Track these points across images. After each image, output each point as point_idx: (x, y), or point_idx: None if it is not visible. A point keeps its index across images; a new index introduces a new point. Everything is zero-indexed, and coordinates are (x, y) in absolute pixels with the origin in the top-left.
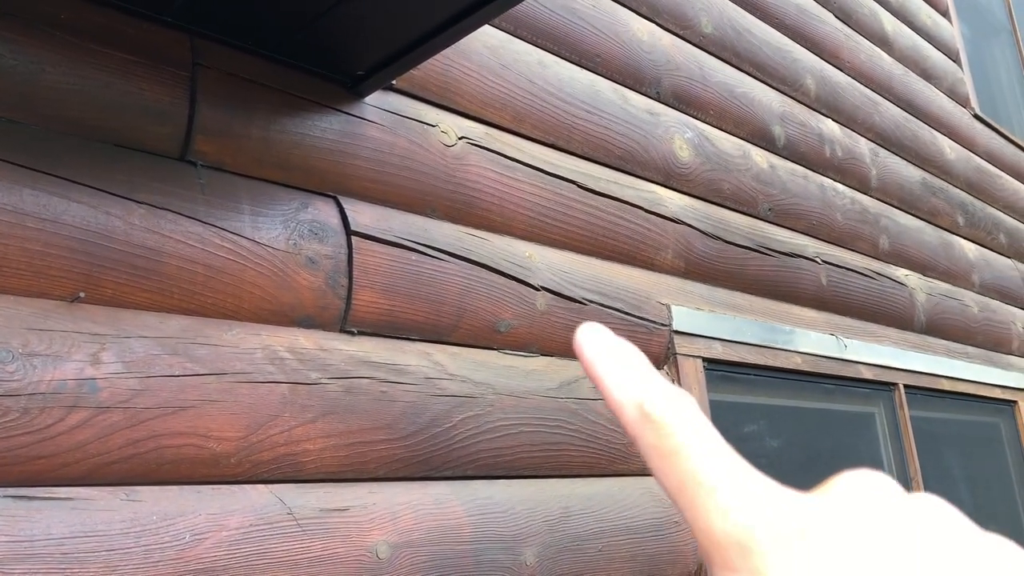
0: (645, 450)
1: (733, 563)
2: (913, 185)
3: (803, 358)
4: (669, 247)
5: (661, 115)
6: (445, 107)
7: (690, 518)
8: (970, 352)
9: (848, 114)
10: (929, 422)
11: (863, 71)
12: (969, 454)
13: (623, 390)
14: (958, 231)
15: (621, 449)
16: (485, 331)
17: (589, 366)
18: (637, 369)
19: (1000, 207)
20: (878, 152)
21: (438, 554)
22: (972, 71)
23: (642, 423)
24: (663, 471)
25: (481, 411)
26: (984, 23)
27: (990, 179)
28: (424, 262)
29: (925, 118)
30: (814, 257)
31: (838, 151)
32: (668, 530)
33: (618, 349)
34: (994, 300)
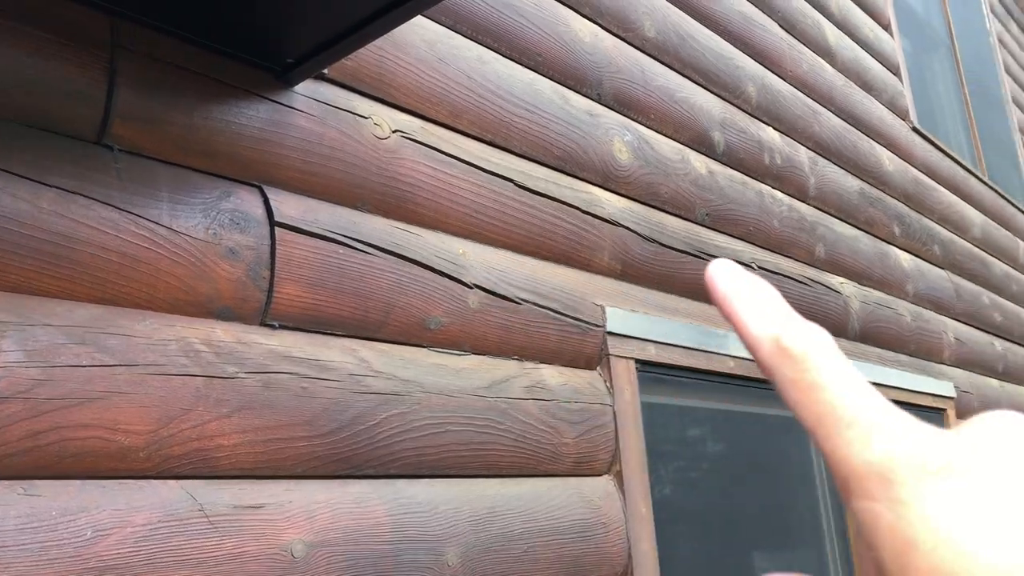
0: (782, 384)
1: (873, 492)
2: (851, 195)
3: (736, 362)
4: (606, 249)
5: (601, 117)
6: (379, 99)
7: (828, 449)
8: (902, 360)
9: (789, 123)
10: None
11: (805, 81)
12: None
13: (759, 325)
14: (894, 241)
15: (551, 449)
16: (414, 328)
17: (723, 301)
18: (772, 305)
19: (935, 219)
20: (817, 161)
21: (356, 554)
22: (912, 85)
23: (779, 357)
24: (801, 404)
25: (407, 409)
26: (924, 38)
27: (926, 191)
28: (352, 256)
29: (865, 129)
30: (750, 263)
31: (777, 159)
32: (595, 531)
33: (752, 285)
34: (927, 310)
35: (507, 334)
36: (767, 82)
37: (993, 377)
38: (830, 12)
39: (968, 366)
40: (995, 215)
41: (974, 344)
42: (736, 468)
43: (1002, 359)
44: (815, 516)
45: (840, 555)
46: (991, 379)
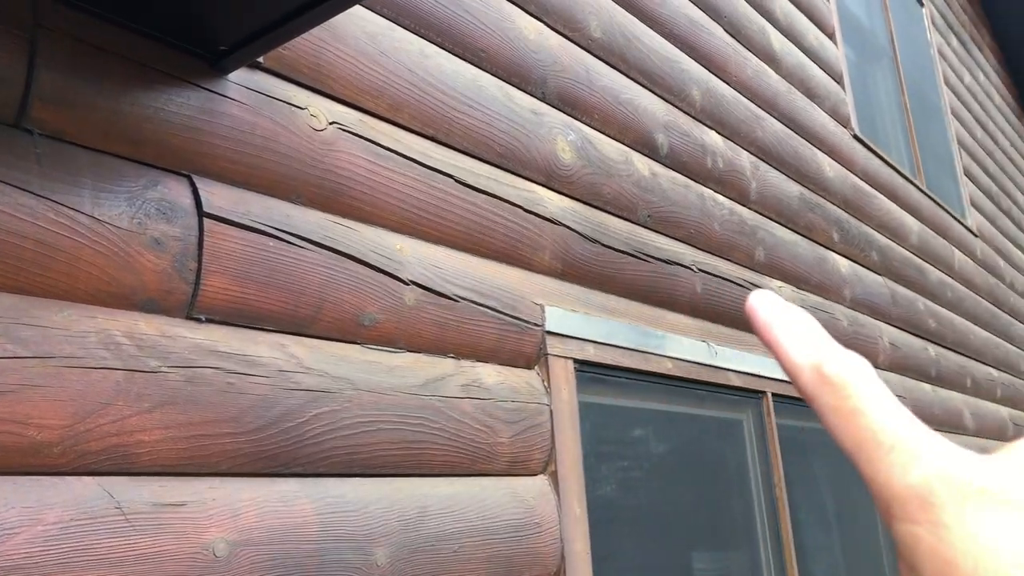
0: (822, 410)
1: (914, 516)
2: (791, 200)
3: (674, 363)
4: (547, 248)
5: (545, 115)
6: (317, 90)
7: (869, 473)
8: None
9: (732, 127)
10: (795, 430)
11: (749, 86)
12: (833, 463)
13: (800, 353)
14: (832, 247)
15: (486, 449)
16: (348, 324)
17: (764, 330)
18: (812, 333)
19: (874, 226)
20: (759, 166)
21: (281, 553)
22: (854, 93)
23: (820, 384)
24: (841, 430)
25: (338, 407)
26: (868, 48)
27: (866, 198)
28: (284, 249)
29: (807, 135)
30: (690, 265)
31: (720, 163)
32: (528, 532)
33: (792, 314)
34: (863, 315)
35: (444, 332)
36: (712, 86)
37: (926, 382)
38: (776, 19)
39: (902, 371)
40: (932, 223)
41: (908, 349)
42: (673, 469)
43: (935, 364)
44: (750, 516)
45: (773, 555)
46: (924, 384)
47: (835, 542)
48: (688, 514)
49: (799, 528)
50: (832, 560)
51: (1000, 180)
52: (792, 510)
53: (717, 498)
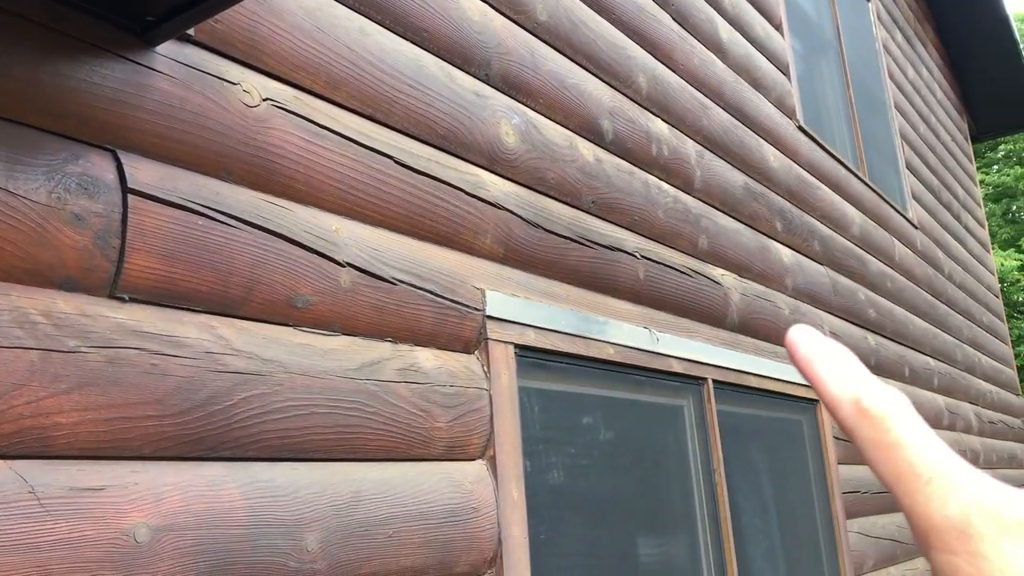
0: (861, 443)
1: (952, 546)
2: (736, 189)
3: (616, 349)
4: (488, 232)
5: (489, 98)
6: (251, 66)
7: (907, 505)
8: (779, 352)
9: (678, 115)
10: (735, 417)
11: (696, 75)
12: (771, 449)
13: (840, 387)
14: (775, 236)
15: (422, 433)
16: (280, 306)
17: (805, 365)
18: (851, 368)
19: (817, 216)
20: (704, 154)
21: (207, 538)
22: (800, 84)
23: (859, 418)
24: (880, 462)
25: (268, 390)
26: (814, 40)
27: (809, 189)
28: (213, 228)
29: (752, 125)
30: (633, 252)
31: (665, 150)
32: (465, 517)
33: (831, 349)
34: (804, 304)
35: (381, 315)
36: (658, 74)
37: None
38: (723, 8)
39: None
40: (874, 214)
41: (848, 338)
42: (614, 454)
43: (875, 353)
44: (689, 501)
45: (711, 538)
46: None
47: (772, 526)
48: (628, 499)
49: (737, 512)
50: (769, 544)
51: (941, 174)
52: (730, 494)
53: (657, 483)
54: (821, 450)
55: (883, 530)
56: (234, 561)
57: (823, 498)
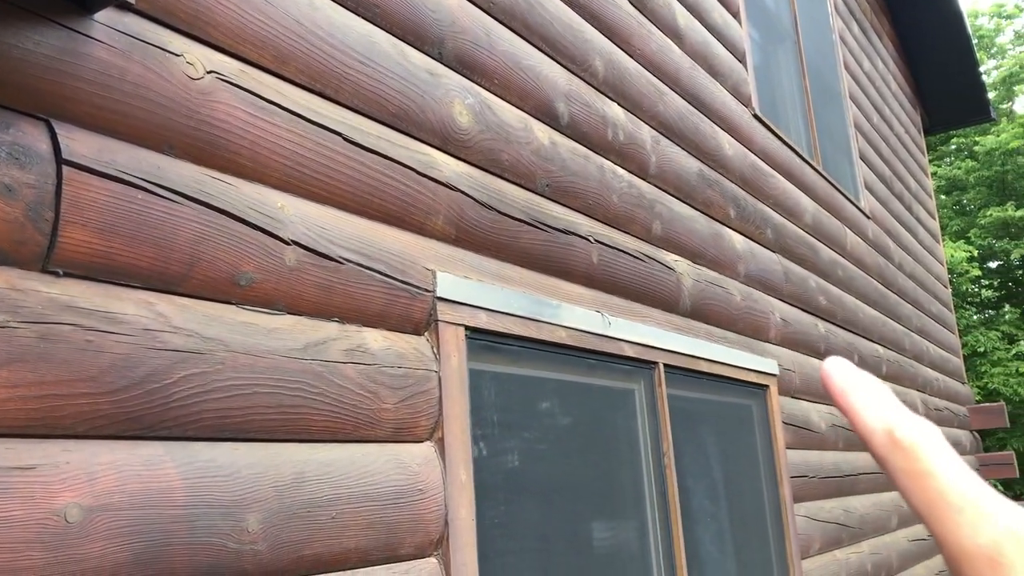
0: (893, 473)
1: (983, 574)
2: (690, 175)
3: (568, 333)
4: (440, 212)
5: (442, 77)
6: (195, 37)
7: (939, 533)
8: (730, 337)
9: (634, 100)
10: (686, 401)
11: (652, 60)
12: (721, 433)
13: (873, 418)
14: (729, 223)
15: (369, 415)
16: (222, 283)
17: (839, 396)
18: (884, 400)
19: (770, 204)
20: (659, 140)
21: (143, 518)
22: (756, 73)
23: (891, 448)
24: (912, 491)
25: (209, 368)
26: (772, 30)
27: (763, 177)
28: (153, 202)
29: (708, 112)
30: (587, 236)
31: (620, 135)
32: (411, 498)
33: (865, 381)
34: (756, 290)
35: (327, 295)
36: (615, 58)
37: (815, 357)
38: None
39: (792, 346)
40: (826, 204)
41: (799, 325)
42: (565, 437)
43: (824, 340)
44: (639, 484)
45: (660, 520)
46: (813, 359)
47: (720, 509)
48: (578, 482)
49: (686, 495)
50: (717, 527)
51: (893, 165)
52: (680, 478)
53: (607, 466)
54: (770, 435)
55: (829, 514)
56: (171, 542)
57: (771, 482)
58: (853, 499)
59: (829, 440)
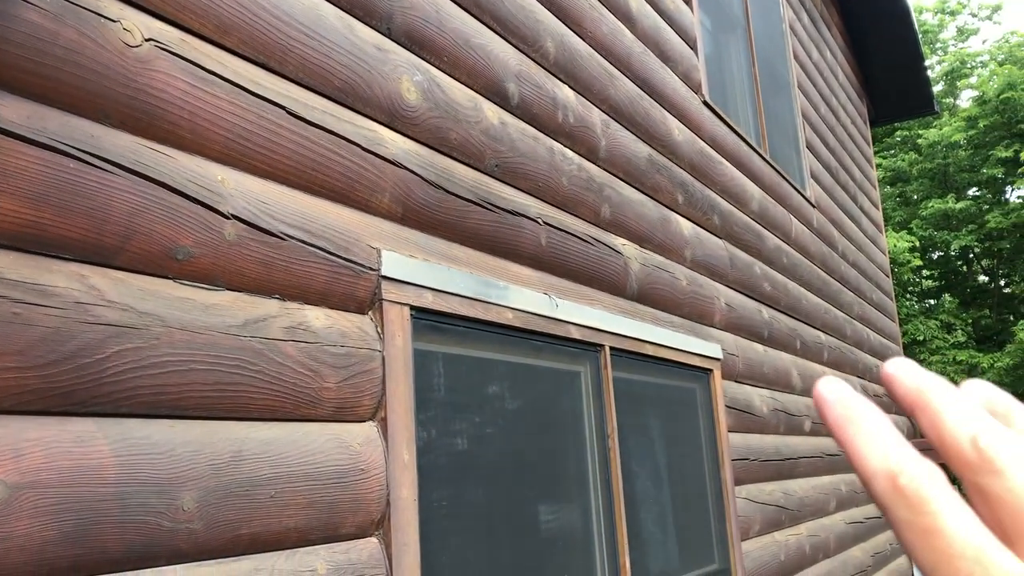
0: (896, 523)
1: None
2: (640, 160)
3: (515, 314)
4: (386, 190)
5: (390, 52)
6: (132, 3)
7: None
8: (675, 321)
9: (584, 83)
10: (631, 383)
11: (604, 43)
12: (666, 416)
13: (875, 458)
14: (677, 208)
15: (310, 394)
16: (159, 257)
17: (836, 427)
18: (886, 435)
19: (717, 190)
20: (610, 124)
21: (73, 496)
22: (706, 60)
23: (895, 496)
24: (915, 547)
25: (144, 344)
26: (723, 17)
27: (711, 164)
28: (86, 172)
29: (658, 98)
30: (536, 218)
31: (570, 117)
32: (352, 478)
33: (865, 412)
34: (702, 276)
35: (268, 271)
36: (566, 40)
37: (758, 342)
38: None
39: (736, 331)
40: (773, 191)
41: (743, 311)
42: (510, 419)
43: (768, 326)
44: (583, 466)
45: (603, 503)
46: (756, 344)
47: (663, 491)
48: (522, 463)
49: (629, 477)
50: (660, 508)
51: (839, 155)
52: (623, 459)
53: (552, 448)
54: (713, 418)
55: (769, 496)
56: (101, 520)
57: (713, 465)
58: (792, 482)
59: (770, 424)
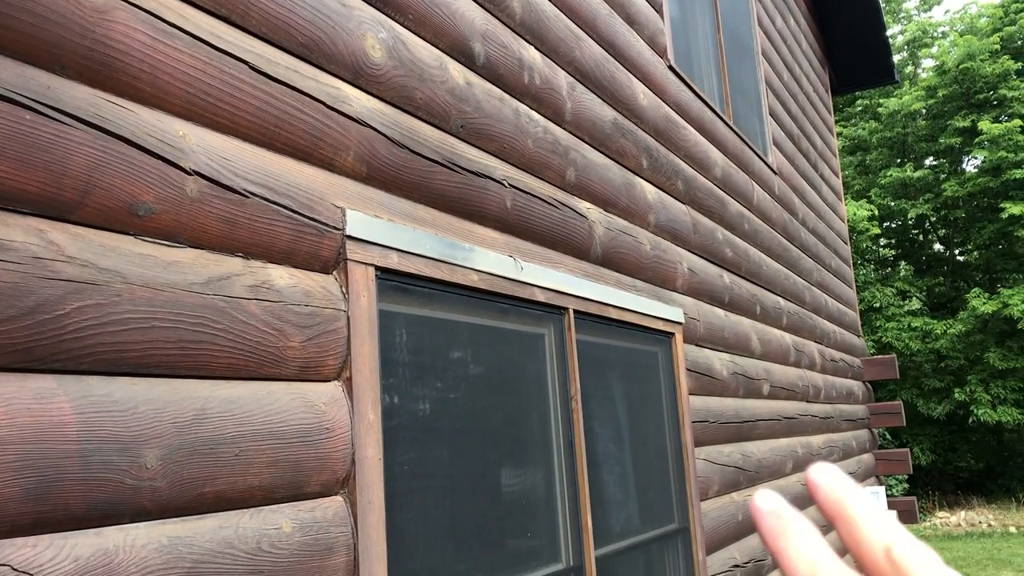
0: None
1: None
2: (605, 123)
3: (480, 276)
4: (351, 149)
5: (355, 9)
6: None
7: None
8: (639, 285)
9: (551, 44)
10: (594, 346)
11: (570, 5)
12: (628, 377)
13: (803, 569)
14: (641, 173)
15: (274, 353)
16: (119, 213)
17: (770, 539)
18: (813, 548)
19: (682, 156)
20: (575, 86)
21: (34, 453)
22: (672, 25)
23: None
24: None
25: (105, 300)
26: None
27: (676, 129)
28: (43, 124)
29: (624, 61)
30: (502, 180)
31: (536, 79)
32: (318, 437)
33: (795, 524)
34: (665, 240)
35: (231, 228)
36: (532, 0)
37: (719, 307)
38: None
39: (697, 295)
40: (736, 158)
41: (705, 275)
42: (474, 380)
43: (728, 291)
44: (546, 427)
45: (566, 464)
46: (717, 309)
47: (625, 452)
48: (487, 424)
49: (592, 438)
50: (621, 469)
51: (801, 122)
52: (586, 421)
53: (516, 409)
54: (674, 381)
55: (728, 458)
56: (63, 477)
57: (674, 426)
58: (751, 444)
59: (730, 387)
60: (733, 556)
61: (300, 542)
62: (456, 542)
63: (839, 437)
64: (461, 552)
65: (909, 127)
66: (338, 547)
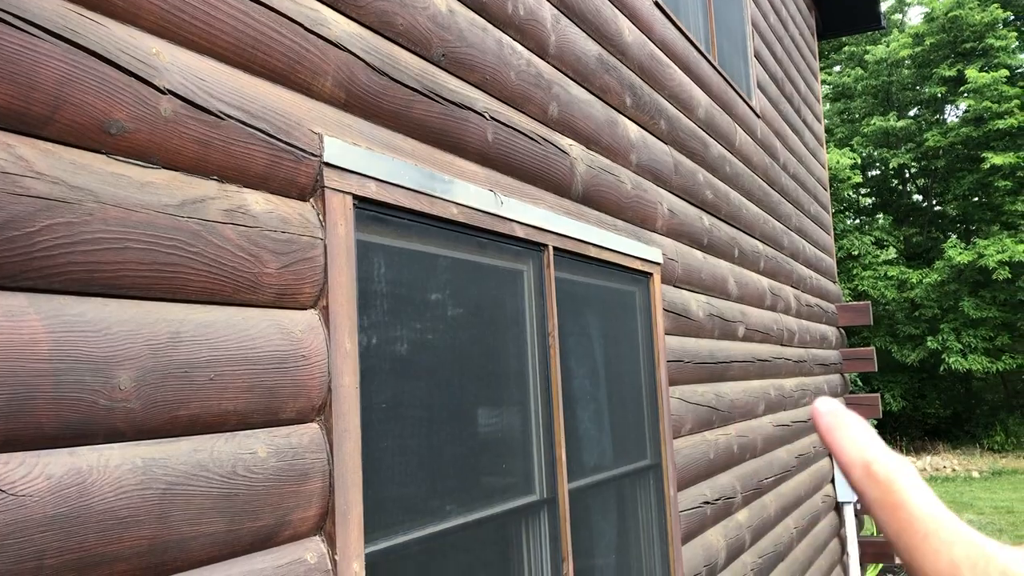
0: (868, 502)
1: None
2: (589, 59)
3: (460, 209)
4: (329, 74)
5: None
6: None
7: (907, 559)
8: (619, 225)
9: None
10: (572, 284)
11: None
12: (605, 316)
13: (853, 452)
14: (624, 111)
15: (249, 278)
16: (91, 130)
17: (825, 431)
18: (865, 437)
19: (666, 95)
20: (560, 19)
21: (4, 371)
22: None
23: (868, 480)
24: (884, 520)
25: (76, 219)
26: None
27: (661, 67)
28: (11, 35)
29: None
30: (483, 112)
31: (520, 10)
32: (294, 363)
33: (849, 419)
34: (647, 180)
35: (206, 151)
36: None
37: (698, 249)
38: None
39: (677, 237)
40: (720, 99)
41: (685, 217)
42: (452, 314)
43: (708, 233)
44: (523, 363)
45: (542, 400)
46: (696, 251)
47: (600, 390)
48: (464, 357)
49: (568, 376)
50: (596, 406)
51: (786, 66)
52: (563, 358)
53: (493, 344)
54: (651, 320)
55: (701, 397)
56: (35, 396)
57: (649, 365)
58: (724, 385)
59: (706, 328)
60: (704, 493)
61: (275, 467)
62: (432, 472)
63: (811, 381)
64: (437, 481)
65: (894, 76)
66: (314, 473)
